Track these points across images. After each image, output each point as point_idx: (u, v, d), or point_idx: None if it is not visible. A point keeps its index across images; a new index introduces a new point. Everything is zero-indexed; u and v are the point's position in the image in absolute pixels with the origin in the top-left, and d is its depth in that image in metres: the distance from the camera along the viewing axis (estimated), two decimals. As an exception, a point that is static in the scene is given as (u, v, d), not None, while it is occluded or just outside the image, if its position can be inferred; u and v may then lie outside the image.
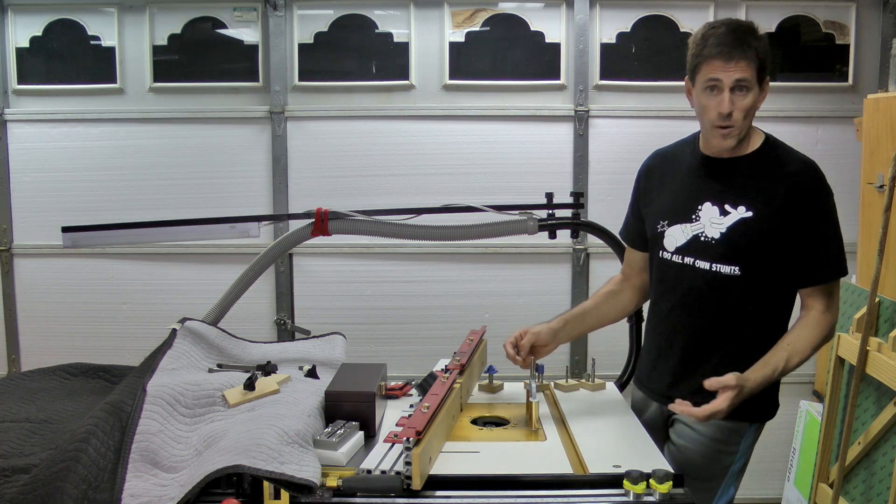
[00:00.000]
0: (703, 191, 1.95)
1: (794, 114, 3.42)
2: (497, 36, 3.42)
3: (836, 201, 1.92)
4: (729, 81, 1.81)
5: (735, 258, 1.89)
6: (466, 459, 1.72)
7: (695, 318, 1.96)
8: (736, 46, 1.80)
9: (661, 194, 2.05)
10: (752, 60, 1.81)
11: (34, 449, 1.72)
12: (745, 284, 1.90)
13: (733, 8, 3.39)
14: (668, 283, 2.01)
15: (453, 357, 2.10)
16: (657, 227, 2.02)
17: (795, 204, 1.86)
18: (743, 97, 1.83)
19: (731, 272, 1.90)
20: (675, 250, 1.98)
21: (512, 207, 2.42)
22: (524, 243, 3.33)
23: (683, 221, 1.96)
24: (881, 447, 2.34)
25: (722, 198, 1.92)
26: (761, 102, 1.88)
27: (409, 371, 2.53)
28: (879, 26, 3.38)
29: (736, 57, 1.80)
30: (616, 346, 2.59)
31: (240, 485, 1.54)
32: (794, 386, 3.43)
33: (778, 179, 1.87)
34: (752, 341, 1.91)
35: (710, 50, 1.82)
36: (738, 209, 1.89)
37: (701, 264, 1.93)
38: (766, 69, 1.85)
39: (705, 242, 1.92)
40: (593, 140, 3.43)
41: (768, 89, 1.89)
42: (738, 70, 1.81)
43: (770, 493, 3.45)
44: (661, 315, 2.04)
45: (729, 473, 1.97)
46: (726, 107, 1.82)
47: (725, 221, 1.90)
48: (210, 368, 2.08)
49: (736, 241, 1.89)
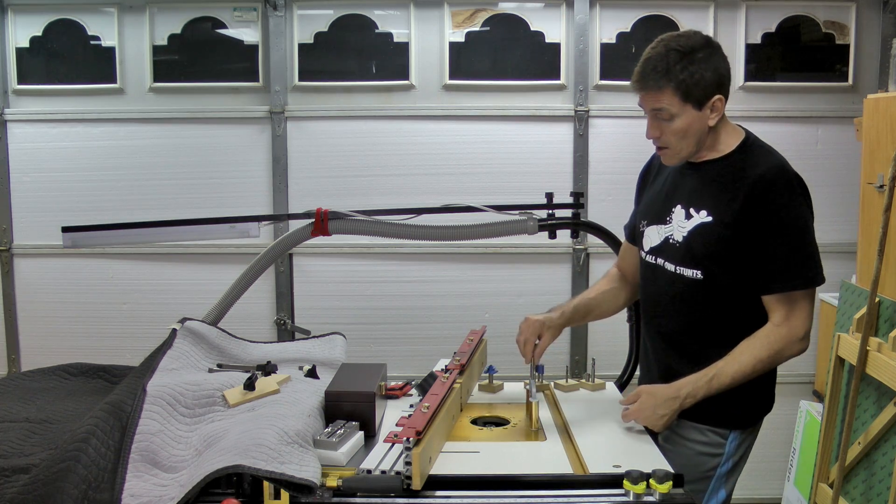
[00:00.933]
0: (677, 193, 1.96)
1: (794, 114, 3.42)
2: (497, 36, 3.42)
3: (836, 201, 1.92)
4: (647, 109, 1.85)
5: (695, 262, 1.89)
6: (466, 459, 1.72)
7: (666, 318, 1.98)
8: (645, 78, 1.81)
9: (648, 194, 2.07)
10: (667, 90, 1.80)
11: (34, 449, 1.72)
12: (708, 289, 1.88)
13: (733, 8, 3.39)
14: (644, 282, 2.04)
15: (453, 357, 2.10)
16: (640, 226, 2.05)
17: (753, 209, 1.81)
18: (669, 122, 1.83)
19: (693, 276, 1.90)
20: (649, 250, 2.00)
21: (512, 207, 2.42)
22: (524, 243, 3.33)
23: (659, 223, 1.98)
24: (881, 447, 2.34)
25: (689, 201, 1.92)
26: (713, 119, 1.84)
27: (409, 371, 2.53)
28: (879, 26, 3.38)
29: (646, 88, 1.82)
30: (616, 346, 2.59)
31: (240, 485, 1.54)
32: (794, 386, 3.43)
33: (740, 184, 1.83)
34: (721, 345, 1.88)
35: (632, 77, 1.86)
36: (699, 213, 1.89)
37: (669, 266, 1.94)
38: (702, 92, 1.80)
39: (672, 245, 1.93)
40: (593, 140, 3.43)
41: (722, 106, 1.84)
42: (653, 100, 1.83)
43: (770, 493, 3.45)
44: (646, 315, 2.07)
45: (716, 476, 1.96)
46: (649, 132, 1.87)
47: (688, 225, 1.90)
48: (210, 368, 2.08)
49: (693, 245, 1.89)
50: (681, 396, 1.85)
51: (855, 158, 3.03)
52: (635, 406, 1.88)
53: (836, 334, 2.57)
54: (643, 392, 1.89)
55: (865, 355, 2.36)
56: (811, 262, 1.83)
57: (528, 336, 2.03)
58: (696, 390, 1.85)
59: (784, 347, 1.85)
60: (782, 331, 1.84)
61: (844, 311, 2.63)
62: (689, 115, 1.82)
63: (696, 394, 1.85)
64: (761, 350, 1.84)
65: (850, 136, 3.24)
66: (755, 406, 1.98)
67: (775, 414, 2.06)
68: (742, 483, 2.06)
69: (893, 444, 2.29)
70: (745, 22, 3.40)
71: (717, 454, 1.95)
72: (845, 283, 2.68)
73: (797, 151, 3.40)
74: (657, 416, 1.85)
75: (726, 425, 1.94)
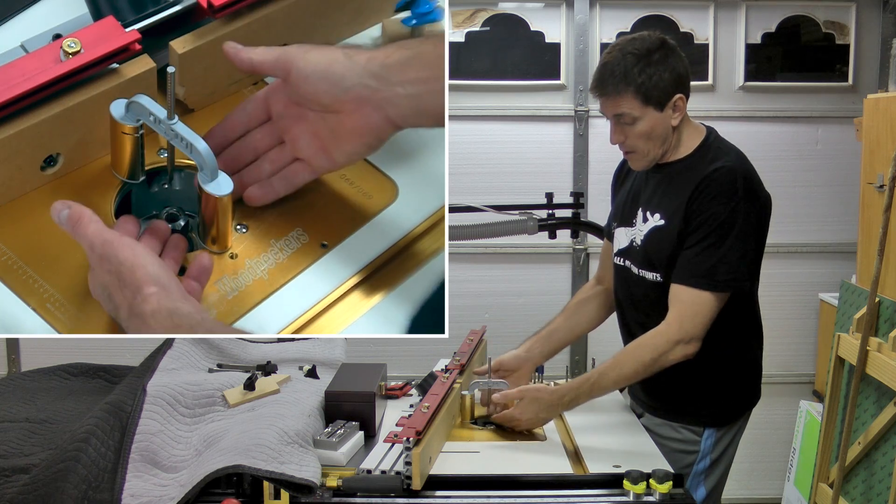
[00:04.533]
0: (641, 196, 1.95)
1: (794, 114, 3.41)
2: (497, 36, 3.42)
3: (836, 201, 1.91)
4: (609, 115, 1.84)
5: (652, 266, 1.89)
6: (466, 459, 1.72)
7: (635, 321, 1.97)
8: (604, 84, 1.81)
9: (619, 196, 2.08)
10: (627, 95, 1.79)
11: (34, 449, 1.72)
12: (668, 291, 1.85)
13: (733, 8, 3.39)
14: (616, 284, 2.04)
15: (453, 357, 2.10)
16: (612, 227, 2.05)
17: (692, 207, 1.80)
18: (632, 126, 1.82)
19: (654, 278, 1.89)
20: (617, 252, 2.00)
21: (512, 207, 2.42)
22: (524, 243, 3.33)
23: (626, 225, 1.98)
24: (881, 447, 2.34)
25: (647, 204, 1.92)
26: (675, 119, 1.83)
27: (409, 371, 2.53)
28: (879, 26, 3.38)
29: (606, 93, 1.81)
30: (616, 346, 2.57)
31: (240, 485, 1.54)
32: (794, 386, 3.43)
33: (689, 185, 1.82)
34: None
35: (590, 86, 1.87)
36: (654, 217, 1.89)
37: (633, 269, 1.95)
38: (661, 95, 1.79)
39: (634, 248, 1.94)
40: (593, 140, 3.43)
41: (684, 105, 1.83)
42: (613, 106, 1.82)
43: (770, 493, 3.45)
44: (619, 315, 2.07)
45: (693, 473, 1.94)
46: (613, 138, 1.86)
47: (644, 228, 1.90)
48: (210, 368, 2.08)
49: (648, 248, 1.89)
50: (563, 403, 1.84)
51: (855, 158, 3.03)
52: (516, 410, 1.85)
53: (836, 334, 2.57)
54: (527, 397, 1.84)
55: (865, 355, 2.36)
56: (723, 265, 1.77)
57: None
58: (578, 397, 1.84)
59: (669, 350, 1.78)
60: (671, 331, 1.78)
61: (844, 311, 2.63)
62: (652, 117, 1.81)
63: (578, 400, 1.84)
64: (645, 354, 1.80)
65: (850, 136, 3.24)
66: (731, 403, 1.95)
67: (775, 414, 2.06)
68: (742, 483, 2.06)
69: (893, 444, 2.29)
70: (745, 22, 3.40)
71: (692, 451, 1.93)
72: (845, 283, 2.69)
73: (797, 151, 3.42)
74: (538, 419, 1.85)
75: (698, 423, 1.93)
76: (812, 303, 3.41)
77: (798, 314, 3.47)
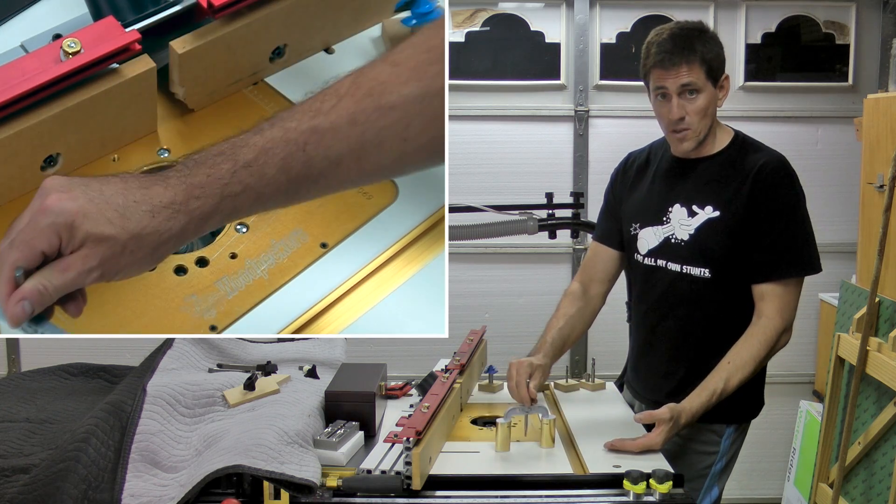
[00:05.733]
0: (673, 192, 1.95)
1: (794, 114, 3.42)
2: (497, 36, 3.42)
3: (836, 201, 1.92)
4: (675, 88, 1.84)
5: (704, 260, 1.89)
6: (466, 459, 1.72)
7: (669, 320, 1.97)
8: (676, 53, 1.82)
9: (634, 197, 2.06)
10: (695, 64, 1.81)
11: (34, 449, 1.72)
12: (716, 286, 1.89)
13: (733, 8, 3.39)
14: (643, 286, 2.02)
15: (453, 357, 2.10)
16: (630, 229, 2.03)
17: (757, 199, 1.84)
18: (693, 100, 1.84)
19: (700, 274, 1.89)
20: (647, 253, 1.99)
21: (512, 207, 2.42)
22: (524, 243, 3.33)
23: (655, 224, 1.97)
24: (881, 447, 2.34)
25: (690, 199, 1.92)
26: (723, 100, 1.89)
27: (409, 371, 2.53)
28: (879, 26, 3.38)
29: (677, 63, 1.82)
30: (616, 346, 2.59)
31: (240, 485, 1.54)
32: (794, 386, 3.43)
33: (743, 177, 1.86)
34: (727, 344, 1.87)
35: (652, 59, 1.85)
36: (705, 209, 1.89)
37: (672, 266, 1.94)
38: (718, 69, 1.85)
39: (675, 244, 1.93)
40: (593, 140, 3.43)
41: (729, 86, 1.90)
42: (682, 75, 1.82)
43: (770, 493, 3.45)
44: (639, 316, 2.06)
45: (710, 474, 1.96)
46: (675, 113, 1.85)
47: (693, 223, 1.90)
48: (210, 368, 2.08)
49: (704, 242, 1.89)
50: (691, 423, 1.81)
51: (855, 158, 3.03)
52: (660, 437, 1.73)
53: (836, 334, 2.57)
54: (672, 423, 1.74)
55: (865, 355, 2.36)
56: (807, 248, 1.86)
57: (519, 379, 1.92)
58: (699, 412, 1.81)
59: (779, 341, 1.86)
60: (776, 323, 1.84)
61: (844, 311, 2.63)
62: (710, 92, 1.85)
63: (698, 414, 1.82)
64: (760, 349, 1.84)
65: (850, 136, 3.24)
66: (749, 402, 1.98)
67: (775, 414, 2.07)
68: (742, 483, 2.06)
69: (893, 444, 2.29)
70: (745, 22, 3.40)
71: (712, 452, 1.95)
72: (845, 283, 2.69)
73: (797, 151, 3.40)
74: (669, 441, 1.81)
75: (722, 421, 1.93)
76: (812, 303, 3.40)
77: (798, 314, 3.44)
